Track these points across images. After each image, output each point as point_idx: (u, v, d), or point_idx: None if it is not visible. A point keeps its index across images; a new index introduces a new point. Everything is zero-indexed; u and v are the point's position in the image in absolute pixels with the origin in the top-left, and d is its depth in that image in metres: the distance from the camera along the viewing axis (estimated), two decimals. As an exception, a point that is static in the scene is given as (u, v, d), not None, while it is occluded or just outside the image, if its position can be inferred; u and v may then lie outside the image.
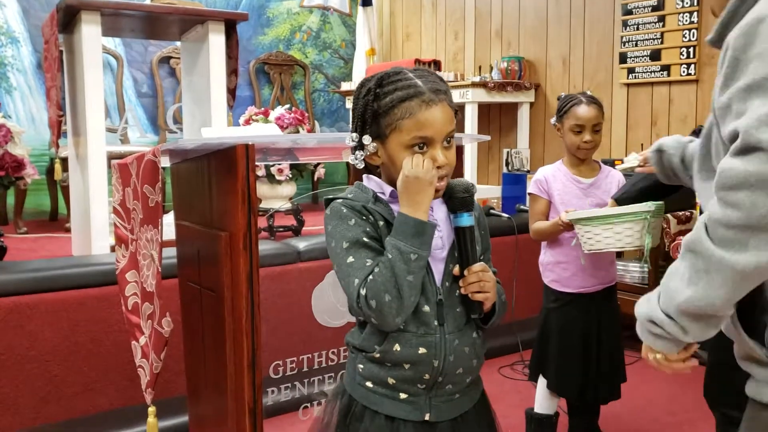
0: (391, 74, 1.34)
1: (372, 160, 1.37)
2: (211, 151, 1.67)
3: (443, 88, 1.34)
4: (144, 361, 1.77)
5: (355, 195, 1.37)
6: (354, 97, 1.39)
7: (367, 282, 1.26)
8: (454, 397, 1.39)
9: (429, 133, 1.30)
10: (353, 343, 1.40)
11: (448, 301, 1.36)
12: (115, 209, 1.84)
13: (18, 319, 2.50)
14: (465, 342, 1.37)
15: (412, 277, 1.26)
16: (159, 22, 3.45)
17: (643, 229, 2.18)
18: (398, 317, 1.28)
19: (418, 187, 1.28)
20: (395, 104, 1.30)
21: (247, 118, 4.11)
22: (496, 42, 5.11)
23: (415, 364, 1.33)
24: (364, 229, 1.31)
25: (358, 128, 1.35)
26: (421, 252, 1.27)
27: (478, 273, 1.33)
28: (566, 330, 2.45)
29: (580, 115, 2.42)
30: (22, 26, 4.69)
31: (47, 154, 4.50)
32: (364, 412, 1.36)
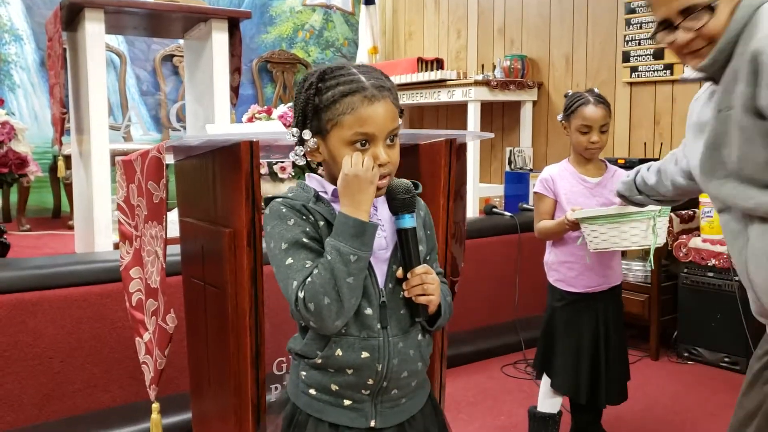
0: (334, 69, 1.30)
1: (313, 157, 1.33)
2: (216, 147, 1.67)
3: (387, 85, 1.30)
4: (148, 357, 1.77)
5: (295, 194, 1.33)
6: (296, 91, 1.35)
7: (305, 284, 1.22)
8: (400, 402, 1.36)
9: (370, 129, 1.26)
10: (295, 349, 1.36)
11: (392, 303, 1.32)
12: (119, 206, 1.84)
13: (21, 316, 2.50)
14: (410, 345, 1.33)
15: (352, 279, 1.22)
16: (162, 19, 3.45)
17: (649, 228, 2.17)
18: (338, 320, 1.24)
19: (359, 185, 1.24)
20: (337, 99, 1.26)
21: (250, 116, 4.12)
22: (498, 40, 5.10)
23: (358, 369, 1.29)
24: (304, 230, 1.27)
25: (299, 123, 1.31)
26: (361, 253, 1.23)
27: (420, 275, 1.29)
28: (573, 330, 2.44)
29: (587, 116, 2.41)
30: (26, 24, 4.70)
31: (50, 152, 4.51)
32: (307, 420, 1.33)
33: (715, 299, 3.40)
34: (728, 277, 3.33)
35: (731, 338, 3.35)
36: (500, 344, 3.72)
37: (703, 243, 3.43)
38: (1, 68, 4.58)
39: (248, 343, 1.64)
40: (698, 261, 3.44)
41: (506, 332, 3.78)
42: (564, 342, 2.45)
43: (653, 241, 2.17)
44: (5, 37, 4.64)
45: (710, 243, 3.41)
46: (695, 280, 3.49)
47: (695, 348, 3.51)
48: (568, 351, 2.44)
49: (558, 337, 2.47)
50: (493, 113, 5.11)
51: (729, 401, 3.02)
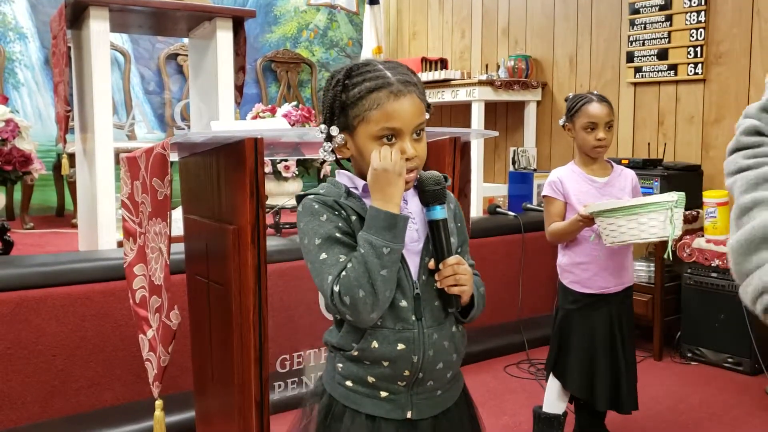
0: (361, 65, 1.32)
1: (341, 153, 1.36)
2: (220, 144, 1.67)
3: (413, 80, 1.32)
4: (151, 354, 1.77)
5: (327, 190, 1.35)
6: (324, 89, 1.37)
7: (340, 278, 1.24)
8: (436, 394, 1.37)
9: (397, 124, 1.28)
10: (331, 342, 1.38)
11: (426, 295, 1.33)
12: (124, 203, 1.84)
13: (25, 313, 2.50)
14: (444, 336, 1.35)
15: (385, 272, 1.24)
16: (167, 18, 3.45)
17: (667, 219, 2.16)
18: (373, 313, 1.25)
19: (387, 179, 1.26)
20: (363, 95, 1.28)
21: (254, 115, 4.12)
22: (503, 40, 5.10)
23: (394, 360, 1.31)
24: (337, 225, 1.29)
25: (327, 120, 1.34)
26: (393, 245, 1.25)
27: (452, 266, 1.31)
28: (587, 332, 2.42)
29: (592, 113, 2.40)
30: (30, 22, 4.70)
31: (54, 150, 4.51)
32: (344, 411, 1.34)
33: (719, 300, 3.40)
34: (732, 277, 3.31)
35: (735, 339, 3.34)
36: (504, 344, 3.71)
37: (707, 243, 3.42)
38: (5, 66, 4.59)
39: (252, 341, 1.64)
40: (702, 261, 3.44)
41: (510, 332, 3.78)
42: (579, 344, 2.42)
43: (671, 232, 2.16)
44: (10, 35, 4.64)
45: (714, 243, 3.40)
46: (699, 280, 3.48)
47: (698, 348, 3.50)
48: (583, 354, 2.42)
49: (573, 340, 2.44)
50: (497, 113, 5.10)
51: (732, 402, 3.03)
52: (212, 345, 1.85)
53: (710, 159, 3.83)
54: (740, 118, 1.12)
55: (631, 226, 2.19)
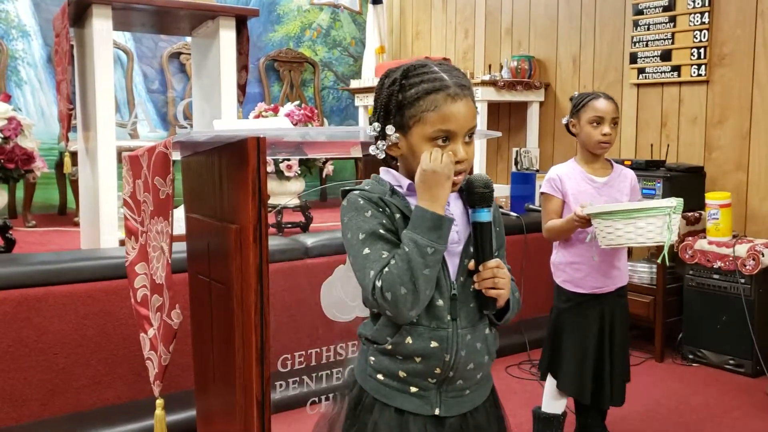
0: (418, 66, 1.34)
1: (392, 152, 1.37)
2: (222, 143, 1.67)
3: (468, 84, 1.35)
4: (152, 353, 1.77)
5: (372, 187, 1.37)
6: (377, 87, 1.39)
7: (382, 274, 1.26)
8: (465, 393, 1.39)
9: (452, 126, 1.30)
10: (365, 334, 1.40)
11: (462, 296, 1.35)
12: (126, 201, 1.84)
13: (26, 311, 2.50)
14: (477, 338, 1.37)
15: (428, 271, 1.26)
16: (170, 16, 3.45)
17: (665, 224, 2.16)
18: (413, 310, 1.27)
19: (436, 180, 1.28)
20: (421, 96, 1.30)
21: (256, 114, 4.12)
22: (506, 40, 5.10)
23: (427, 357, 1.33)
24: (381, 221, 1.31)
25: (381, 118, 1.35)
26: (437, 246, 1.27)
27: (492, 269, 1.33)
28: (579, 331, 2.44)
29: (599, 107, 2.41)
30: (33, 20, 4.71)
31: (57, 148, 4.52)
32: (374, 404, 1.37)
33: (721, 301, 3.39)
34: (734, 279, 3.32)
35: (736, 341, 3.34)
36: (505, 345, 3.67)
37: (709, 245, 3.42)
38: (8, 64, 4.59)
39: (253, 340, 1.64)
40: (704, 263, 3.43)
41: (511, 333, 3.77)
42: (570, 343, 2.44)
43: (668, 238, 2.16)
44: (12, 33, 4.65)
45: (716, 245, 3.40)
46: (701, 282, 3.48)
47: (700, 350, 3.50)
48: (574, 352, 2.44)
49: (565, 338, 2.46)
50: (500, 113, 5.10)
51: (734, 404, 3.03)
52: (214, 344, 1.85)
53: (713, 160, 3.83)
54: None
55: (629, 230, 2.20)
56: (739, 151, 3.72)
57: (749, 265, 3.26)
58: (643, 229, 2.19)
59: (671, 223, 2.16)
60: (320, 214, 4.40)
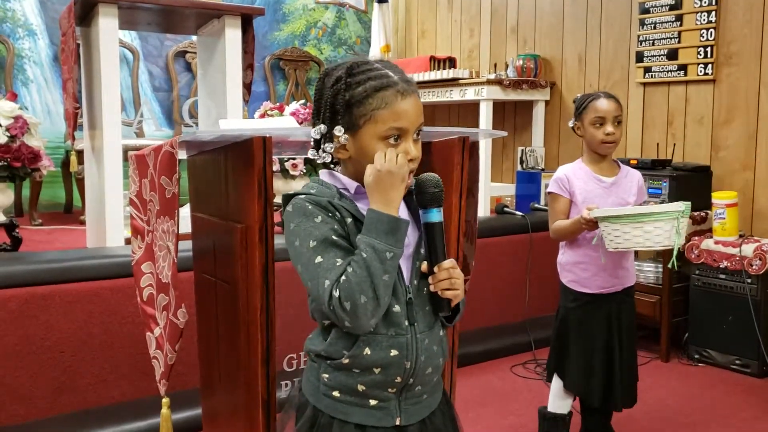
0: (360, 63, 1.30)
1: (339, 154, 1.31)
2: (228, 143, 1.67)
3: (412, 80, 1.31)
4: (158, 352, 1.77)
5: (318, 191, 1.31)
6: (317, 87, 1.33)
7: (339, 283, 1.20)
8: (422, 398, 1.35)
9: (404, 124, 1.26)
10: (315, 350, 1.33)
11: (418, 299, 1.31)
12: (132, 200, 1.84)
13: (33, 309, 2.51)
14: (434, 341, 1.33)
15: (387, 277, 1.21)
16: (175, 15, 3.46)
17: (673, 228, 2.16)
18: (373, 318, 1.22)
19: (391, 182, 1.23)
20: (369, 93, 1.25)
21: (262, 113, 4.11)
22: (511, 39, 5.09)
23: (386, 367, 1.28)
24: (332, 227, 1.25)
25: (327, 119, 1.29)
26: (396, 250, 1.22)
27: (448, 269, 1.29)
28: (587, 331, 2.43)
29: (600, 107, 2.41)
30: (40, 19, 4.72)
31: (63, 147, 4.53)
32: (331, 422, 1.30)
33: (727, 301, 3.38)
34: (740, 279, 3.31)
35: (743, 341, 3.33)
36: (510, 344, 3.71)
37: (716, 245, 3.41)
38: (14, 63, 4.60)
39: (259, 340, 1.64)
40: (710, 263, 3.42)
41: (516, 332, 3.77)
42: (577, 343, 2.44)
43: (677, 242, 2.16)
44: (19, 32, 4.66)
45: (722, 245, 3.39)
46: (707, 281, 3.47)
47: (706, 350, 3.49)
48: (581, 352, 2.43)
49: (571, 339, 2.45)
50: (506, 112, 5.09)
51: (740, 404, 3.02)
52: (219, 343, 1.85)
53: (719, 160, 3.82)
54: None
55: (636, 234, 2.19)
56: (745, 151, 3.71)
57: (756, 264, 3.25)
58: (650, 233, 2.18)
59: (679, 228, 2.16)
60: (325, 213, 4.39)
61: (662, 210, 2.17)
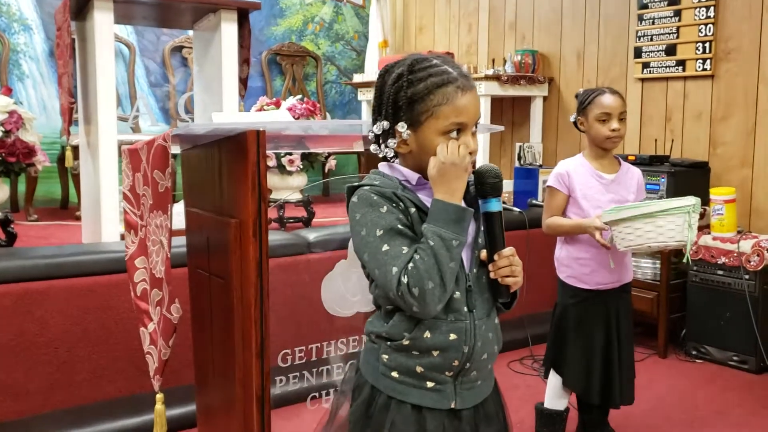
0: (421, 60, 1.34)
1: (399, 148, 1.35)
2: (222, 137, 1.66)
3: (470, 75, 1.35)
4: (152, 347, 1.76)
5: (382, 182, 1.35)
6: (378, 84, 1.37)
7: (407, 270, 1.24)
8: (477, 384, 1.39)
9: (465, 119, 1.31)
10: (376, 331, 1.37)
11: (476, 287, 1.36)
12: (125, 195, 1.83)
13: (28, 305, 2.50)
14: (490, 327, 1.38)
15: (453, 264, 1.26)
16: (171, 10, 3.44)
17: (685, 223, 2.15)
18: (440, 304, 1.27)
19: (455, 173, 1.28)
20: (431, 90, 1.30)
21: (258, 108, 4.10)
22: (510, 35, 5.07)
23: (445, 350, 1.32)
24: (398, 217, 1.30)
25: (389, 116, 1.33)
26: (461, 238, 1.27)
27: (509, 257, 1.34)
28: (585, 327, 2.42)
29: (606, 103, 2.39)
30: (35, 13, 4.69)
31: (58, 142, 4.51)
32: (389, 402, 1.35)
33: (725, 297, 3.37)
34: (738, 275, 3.30)
35: (740, 337, 3.32)
36: (507, 340, 3.61)
37: (714, 241, 3.40)
38: (9, 58, 4.58)
39: (253, 335, 1.63)
40: (708, 259, 3.41)
41: (513, 328, 3.75)
42: (576, 340, 2.43)
43: (690, 237, 2.15)
44: (14, 27, 4.64)
45: (720, 241, 3.38)
46: (705, 278, 3.46)
47: (704, 346, 3.48)
48: (580, 349, 2.42)
49: (569, 335, 2.44)
50: (503, 108, 5.08)
51: (737, 400, 3.01)
52: (213, 339, 1.84)
53: (718, 156, 3.80)
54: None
55: (648, 229, 2.18)
56: (744, 147, 3.70)
57: (754, 261, 3.24)
58: (663, 228, 2.16)
59: (691, 222, 2.15)
60: (323, 209, 4.39)
61: (674, 205, 2.16)
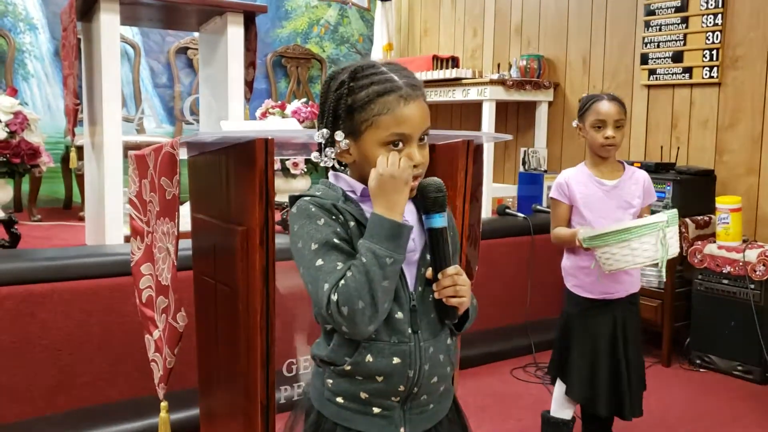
0: (366, 67, 1.27)
1: (343, 158, 1.30)
2: (230, 144, 1.65)
3: (419, 84, 1.28)
4: (157, 355, 1.75)
5: (323, 193, 1.29)
6: (322, 90, 1.31)
7: (338, 287, 1.18)
8: (428, 408, 1.33)
9: (407, 129, 1.24)
10: (320, 355, 1.31)
11: (422, 306, 1.29)
12: (131, 201, 1.82)
13: (30, 307, 2.49)
14: (440, 349, 1.31)
15: (387, 283, 1.19)
16: (177, 11, 3.43)
17: (658, 240, 2.14)
18: (371, 325, 1.20)
19: (394, 186, 1.21)
20: (372, 99, 1.23)
21: (263, 110, 4.10)
22: (515, 39, 5.06)
23: (389, 375, 1.26)
24: (335, 230, 1.23)
25: (329, 124, 1.28)
26: (396, 256, 1.20)
27: (452, 276, 1.26)
28: (589, 337, 2.40)
29: (601, 110, 2.39)
30: (41, 13, 4.69)
31: (63, 142, 4.50)
32: (335, 429, 1.29)
33: (730, 306, 3.36)
34: (743, 284, 3.29)
35: (745, 346, 3.31)
36: (511, 347, 3.68)
37: (719, 249, 3.39)
38: (15, 57, 4.58)
39: (259, 343, 1.62)
40: (713, 268, 3.40)
41: (517, 335, 3.75)
42: (580, 349, 2.41)
43: (662, 254, 2.14)
44: (20, 27, 4.63)
45: (726, 250, 3.36)
46: (709, 286, 3.45)
47: (708, 355, 3.47)
48: (584, 359, 2.40)
49: (574, 344, 2.43)
50: (508, 113, 5.07)
51: (742, 410, 3.00)
52: (219, 346, 1.83)
53: (724, 164, 3.79)
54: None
55: (625, 253, 2.18)
56: (750, 155, 3.69)
57: (759, 270, 3.23)
58: (638, 249, 2.17)
59: (665, 238, 2.13)
60: (326, 212, 4.37)
61: (644, 223, 2.15)
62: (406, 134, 1.25)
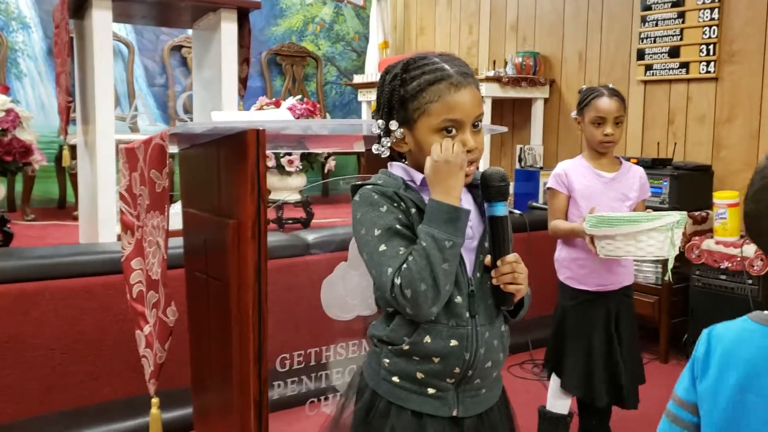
0: (417, 59, 1.32)
1: (399, 147, 1.34)
2: (221, 136, 1.63)
3: (470, 71, 1.32)
4: (148, 350, 1.73)
5: (385, 181, 1.33)
6: (379, 84, 1.36)
7: (401, 271, 1.22)
8: (481, 393, 1.36)
9: (458, 115, 1.28)
10: (378, 335, 1.35)
11: (480, 292, 1.32)
12: (122, 195, 1.80)
13: (23, 306, 2.47)
14: (494, 335, 1.34)
15: (447, 265, 1.23)
16: (171, 8, 3.41)
17: (667, 239, 2.13)
18: (434, 306, 1.24)
19: (449, 171, 1.25)
20: (423, 88, 1.28)
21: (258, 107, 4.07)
22: (511, 36, 5.05)
23: (446, 357, 1.29)
24: (397, 216, 1.27)
25: (384, 114, 1.33)
26: (455, 239, 1.24)
27: (511, 264, 1.30)
28: (584, 329, 2.40)
29: (601, 107, 2.37)
30: (33, 12, 4.67)
31: (56, 141, 4.48)
32: (389, 408, 1.32)
33: (728, 302, 3.34)
34: (741, 279, 3.27)
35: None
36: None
37: (716, 245, 3.37)
38: (7, 56, 4.55)
39: (251, 339, 1.60)
40: (710, 263, 3.38)
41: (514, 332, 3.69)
42: (575, 342, 2.41)
43: (671, 254, 2.13)
44: (12, 25, 4.61)
45: (723, 245, 3.35)
46: (707, 282, 3.43)
47: (706, 351, 3.45)
48: (579, 352, 2.40)
49: (569, 337, 2.42)
50: (504, 110, 5.05)
51: (741, 406, 2.98)
52: (211, 342, 1.81)
53: (721, 159, 3.78)
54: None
55: (628, 242, 2.17)
56: (747, 150, 3.67)
57: (757, 265, 3.21)
58: (643, 243, 2.16)
59: (673, 238, 2.13)
60: (322, 210, 4.36)
61: (656, 225, 2.15)
62: (458, 120, 1.28)
